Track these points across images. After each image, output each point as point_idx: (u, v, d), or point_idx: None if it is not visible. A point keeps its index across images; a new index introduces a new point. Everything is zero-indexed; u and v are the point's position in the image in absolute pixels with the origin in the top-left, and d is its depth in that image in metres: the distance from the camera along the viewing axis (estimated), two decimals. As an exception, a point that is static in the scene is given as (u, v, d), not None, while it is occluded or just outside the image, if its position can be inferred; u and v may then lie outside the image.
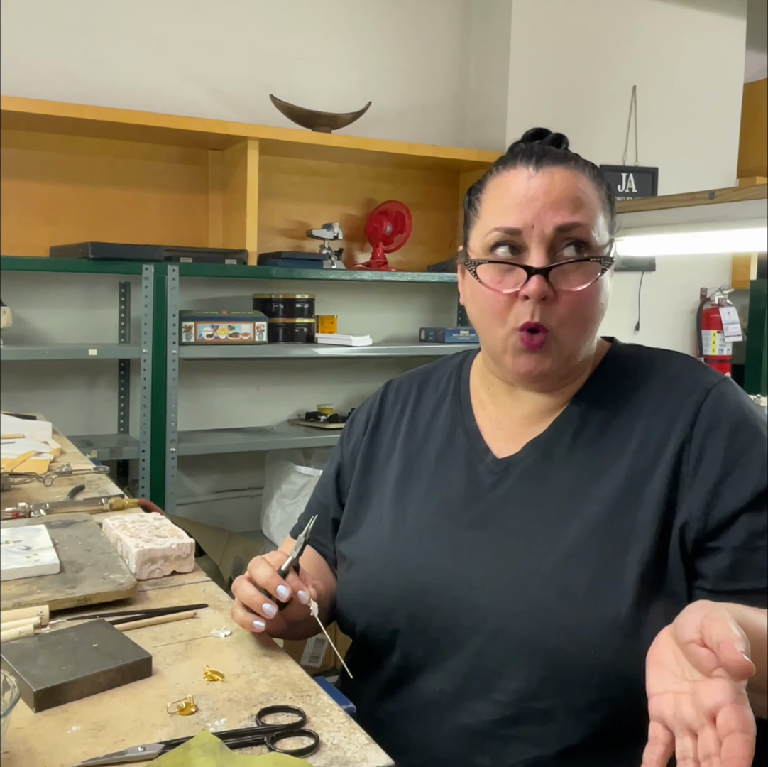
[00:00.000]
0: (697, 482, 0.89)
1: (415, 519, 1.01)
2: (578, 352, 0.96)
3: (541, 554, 0.90)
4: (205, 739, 0.70)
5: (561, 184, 0.91)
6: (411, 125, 3.22)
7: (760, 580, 0.85)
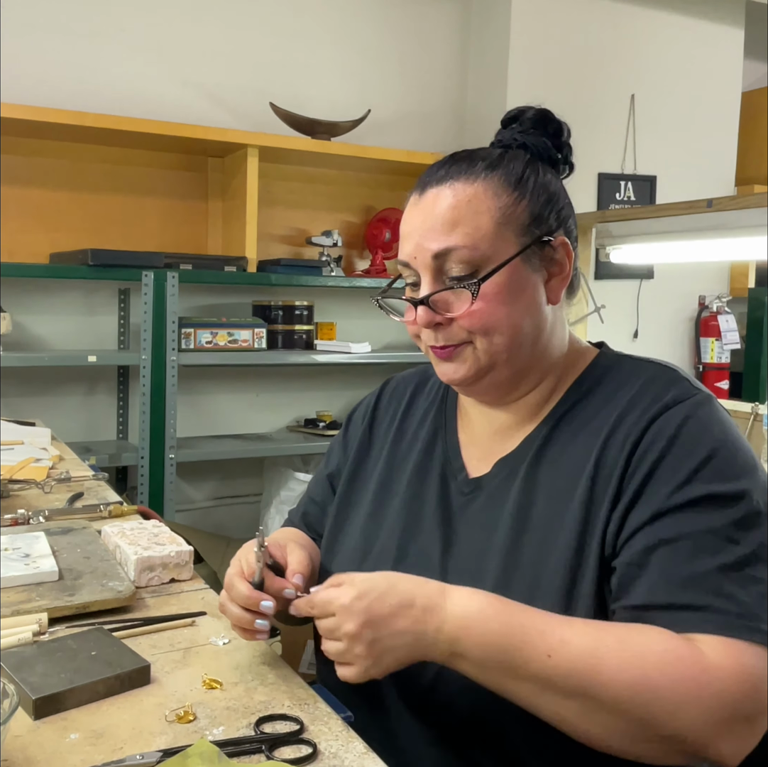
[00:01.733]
0: (619, 503, 0.84)
1: (385, 539, 0.99)
2: (511, 357, 0.91)
3: (493, 585, 0.86)
4: (204, 747, 0.70)
5: (436, 208, 0.89)
6: (410, 133, 3.23)
7: (641, 596, 0.80)
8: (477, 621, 0.77)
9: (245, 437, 2.97)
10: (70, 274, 2.57)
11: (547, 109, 0.96)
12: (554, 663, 0.75)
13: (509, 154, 0.94)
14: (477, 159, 0.93)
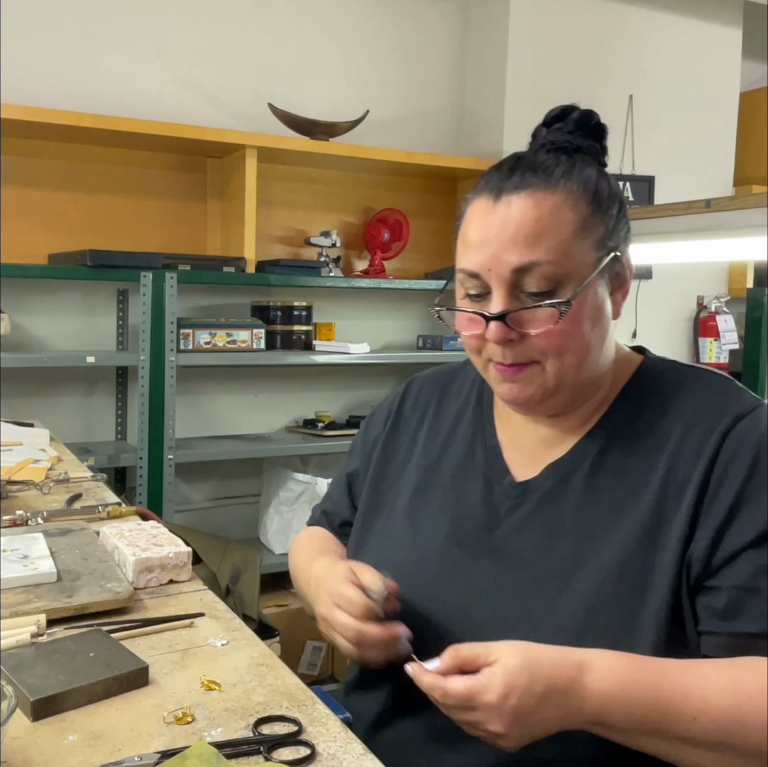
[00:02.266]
0: (707, 519, 0.83)
1: (426, 542, 0.97)
2: (577, 377, 0.90)
3: (553, 596, 0.85)
4: (202, 749, 0.70)
5: (517, 218, 0.85)
6: (409, 134, 3.23)
7: (756, 624, 0.79)
8: (619, 696, 0.76)
9: (244, 438, 2.97)
10: (69, 275, 2.57)
11: (591, 110, 0.93)
12: (699, 725, 0.75)
13: (579, 160, 0.90)
14: (550, 165, 0.88)
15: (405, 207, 3.17)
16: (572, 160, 0.89)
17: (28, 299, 2.68)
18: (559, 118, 0.93)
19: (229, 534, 2.73)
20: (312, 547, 1.14)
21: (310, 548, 1.13)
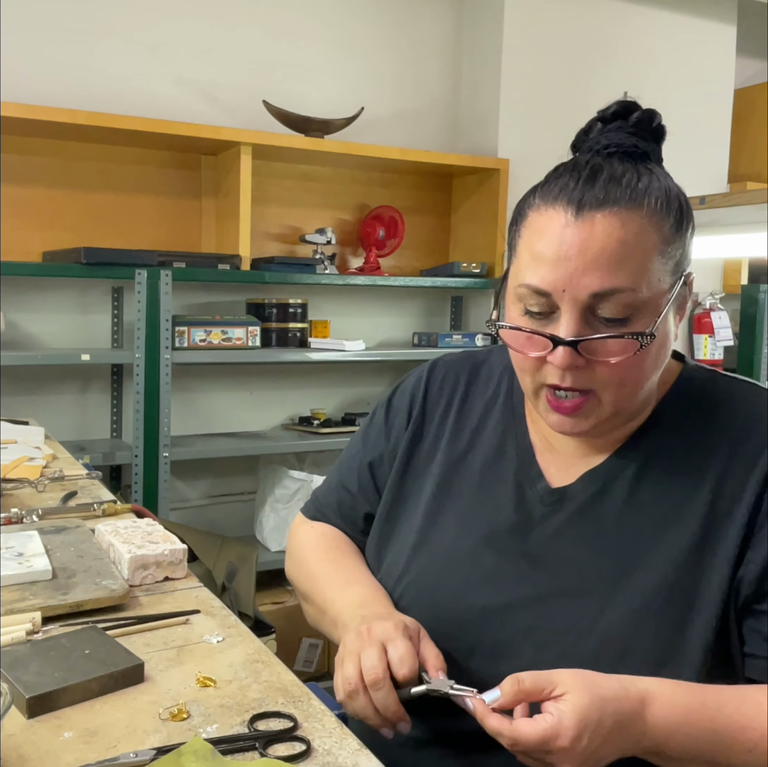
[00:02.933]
0: (758, 542, 0.81)
1: (454, 542, 0.92)
2: (630, 407, 0.86)
3: (596, 610, 0.82)
4: (197, 745, 0.70)
5: (602, 239, 0.77)
6: (403, 131, 3.23)
7: None
8: (679, 729, 0.75)
9: (239, 435, 2.97)
10: (63, 272, 2.56)
11: (654, 109, 0.85)
12: (754, 757, 0.75)
13: (655, 170, 0.83)
14: (633, 177, 0.80)
15: (400, 204, 3.17)
16: (649, 170, 0.82)
17: (23, 296, 2.68)
18: (618, 115, 0.85)
19: (225, 532, 2.73)
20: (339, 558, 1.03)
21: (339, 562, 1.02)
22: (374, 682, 0.78)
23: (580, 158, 0.84)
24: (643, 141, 0.84)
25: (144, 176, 2.85)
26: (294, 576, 1.10)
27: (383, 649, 0.80)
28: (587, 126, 0.87)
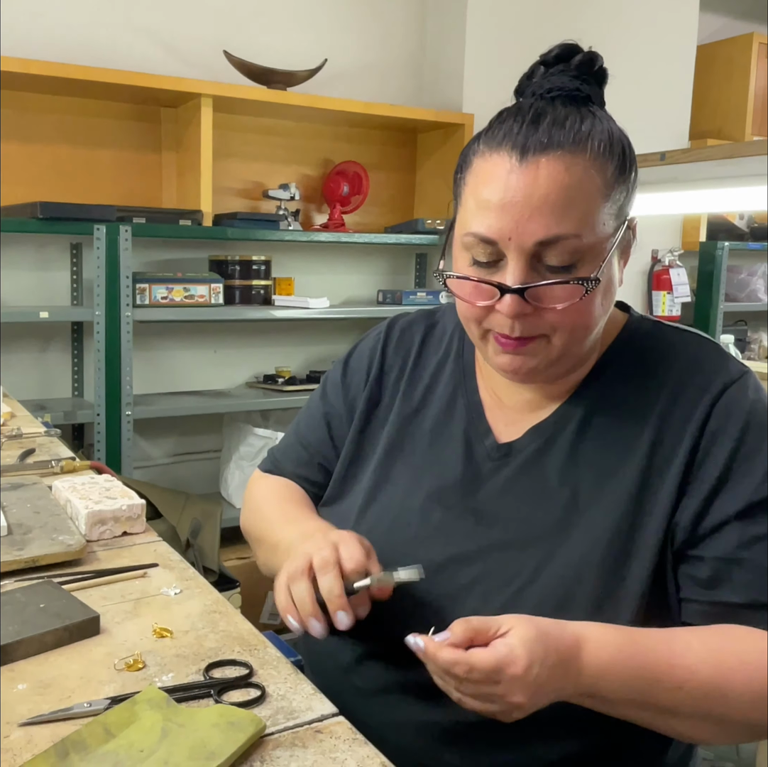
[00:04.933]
0: (694, 489, 0.82)
1: (403, 499, 0.93)
2: (579, 351, 0.86)
3: (538, 562, 0.84)
4: (152, 694, 0.71)
5: (546, 184, 0.76)
6: (368, 85, 3.18)
7: (739, 594, 0.79)
8: (611, 668, 0.76)
9: (204, 394, 2.95)
10: (19, 228, 2.50)
11: (595, 51, 0.84)
12: (684, 694, 0.76)
13: (597, 112, 0.81)
14: (576, 120, 0.79)
15: (364, 160, 3.14)
16: (591, 113, 0.81)
17: (-22, 253, 2.62)
18: (561, 58, 0.84)
19: (190, 490, 2.73)
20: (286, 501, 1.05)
21: (285, 503, 1.04)
22: (324, 565, 0.79)
23: (524, 102, 0.83)
24: (585, 84, 0.83)
25: (102, 129, 2.78)
26: (249, 525, 1.10)
27: (335, 547, 0.81)
28: (530, 70, 0.86)
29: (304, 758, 0.66)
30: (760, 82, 3.89)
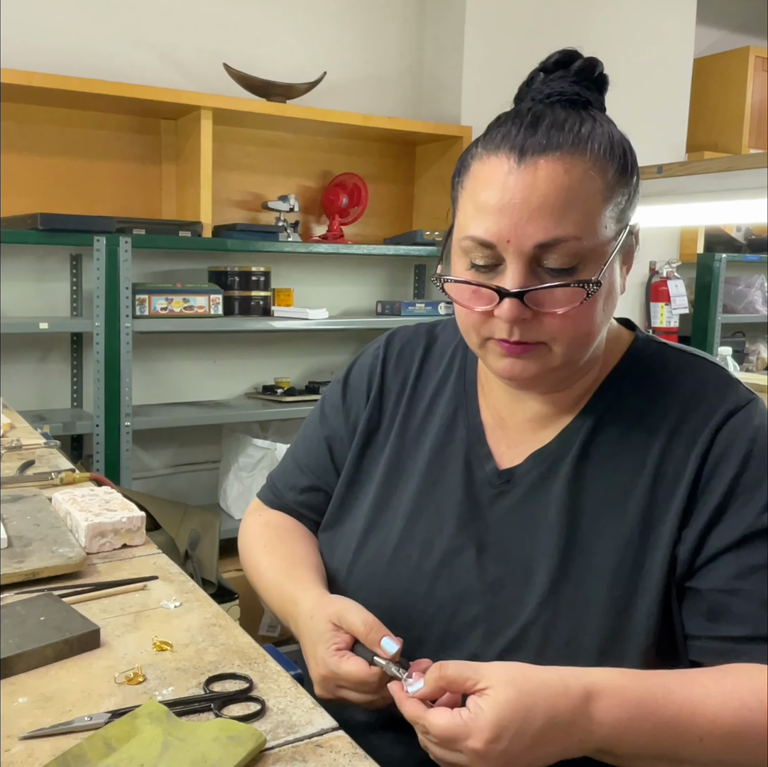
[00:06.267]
0: (694, 520, 0.80)
1: (404, 528, 0.90)
2: (580, 359, 0.84)
3: (541, 597, 0.81)
4: (152, 708, 0.71)
5: (545, 185, 0.75)
6: (367, 97, 3.19)
7: (740, 627, 0.76)
8: (629, 728, 0.70)
9: (203, 405, 2.96)
10: (20, 239, 2.51)
11: (595, 57, 0.84)
12: (705, 746, 0.71)
13: (598, 116, 0.81)
14: (575, 122, 0.78)
15: (363, 172, 3.15)
16: (591, 116, 0.80)
17: (-22, 264, 2.63)
18: (560, 65, 0.83)
19: (189, 501, 2.73)
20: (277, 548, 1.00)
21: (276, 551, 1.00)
22: (387, 703, 0.78)
23: (523, 106, 0.83)
24: (586, 90, 0.82)
25: (103, 141, 2.79)
26: (244, 569, 1.07)
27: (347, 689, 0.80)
28: (529, 77, 0.85)
29: (304, 772, 0.66)
30: (756, 95, 3.92)
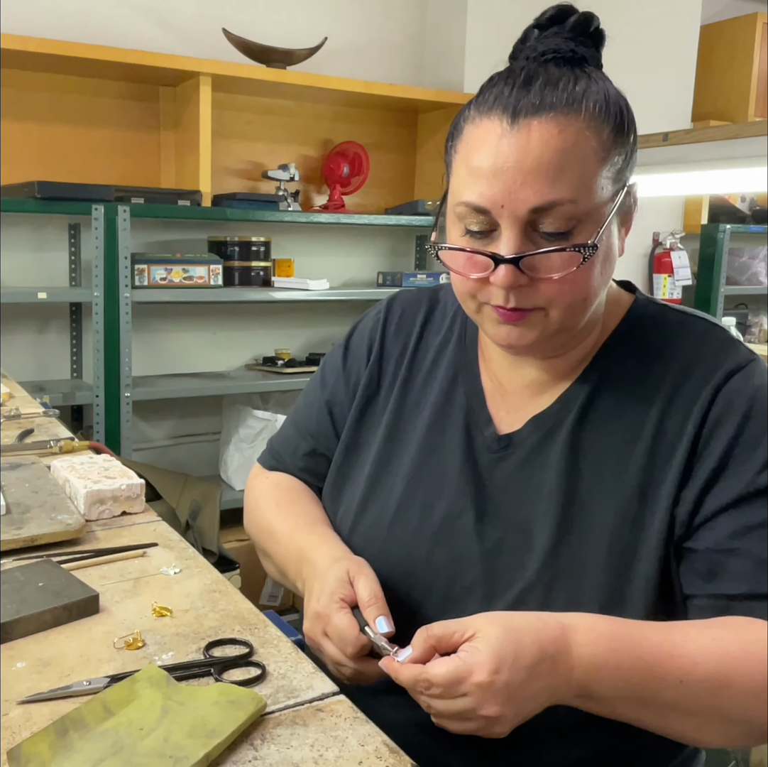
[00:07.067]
0: (693, 480, 0.79)
1: (404, 493, 0.90)
2: (578, 324, 0.83)
3: (541, 561, 0.80)
4: (152, 672, 0.71)
5: (539, 147, 0.73)
6: (368, 64, 3.15)
7: (736, 585, 0.76)
8: (607, 660, 0.70)
9: (203, 376, 2.95)
10: (17, 207, 2.48)
11: (591, 12, 0.81)
12: (686, 688, 0.71)
13: (593, 74, 0.79)
14: (569, 81, 0.76)
15: (365, 140, 3.11)
16: (586, 74, 0.78)
17: (-25, 233, 2.60)
18: (555, 20, 0.81)
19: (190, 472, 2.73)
20: (291, 507, 0.99)
21: (290, 509, 0.99)
22: (351, 678, 0.78)
23: (515, 65, 0.80)
24: (581, 46, 0.80)
25: (100, 108, 2.75)
26: (251, 533, 1.07)
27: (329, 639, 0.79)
28: (524, 35, 0.83)
29: (304, 736, 0.66)
30: (763, 63, 3.86)
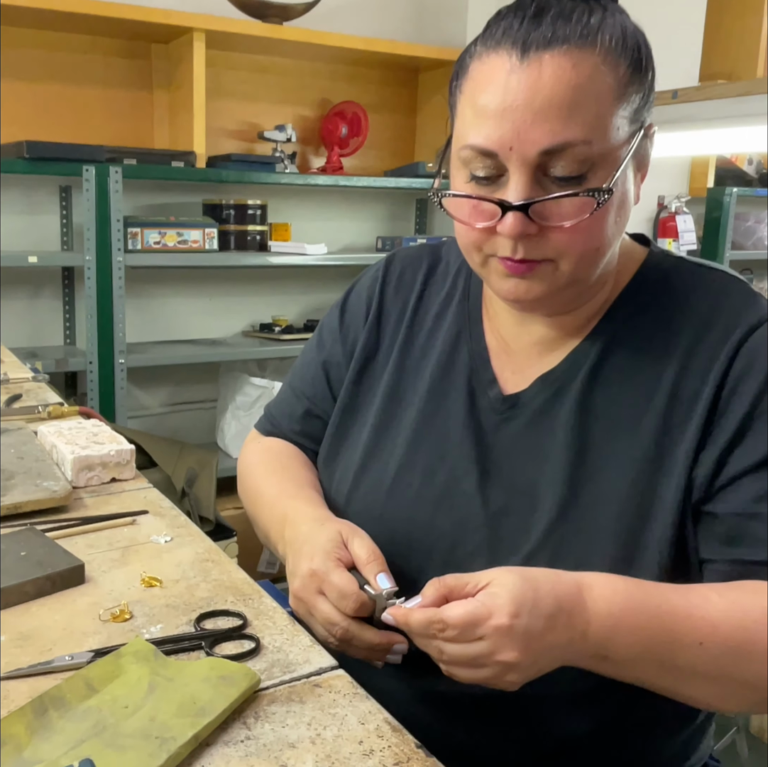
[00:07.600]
0: (713, 441, 0.75)
1: (405, 456, 0.86)
2: (589, 277, 0.77)
3: (547, 525, 0.77)
4: (139, 646, 0.67)
5: (551, 83, 0.68)
6: (368, 20, 3.05)
7: (757, 551, 0.73)
8: (623, 620, 0.68)
9: (199, 343, 2.89)
10: (5, 168, 2.40)
11: None
12: (705, 651, 0.68)
13: (609, 6, 0.73)
14: (584, 12, 0.70)
15: (364, 100, 3.03)
16: (602, 6, 0.72)
17: (-36, 195, 2.53)
18: None
19: (186, 439, 2.68)
20: (279, 471, 0.95)
21: (278, 473, 0.95)
22: (343, 639, 0.72)
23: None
24: None
25: (91, 66, 2.67)
26: (243, 499, 1.02)
27: (324, 597, 0.73)
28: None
29: (301, 713, 0.62)
30: (773, 22, 3.76)
